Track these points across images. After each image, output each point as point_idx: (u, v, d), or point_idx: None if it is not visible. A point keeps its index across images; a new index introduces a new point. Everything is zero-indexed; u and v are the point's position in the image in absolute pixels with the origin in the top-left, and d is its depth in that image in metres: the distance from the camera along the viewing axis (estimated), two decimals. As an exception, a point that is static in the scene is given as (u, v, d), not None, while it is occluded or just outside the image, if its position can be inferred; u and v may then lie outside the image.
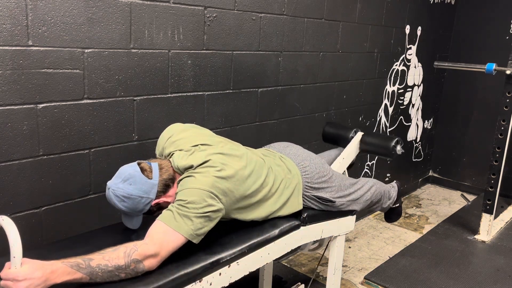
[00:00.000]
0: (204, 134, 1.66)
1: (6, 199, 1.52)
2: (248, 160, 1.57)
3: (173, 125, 1.72)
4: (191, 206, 1.31)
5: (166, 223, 1.29)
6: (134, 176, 1.38)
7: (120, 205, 1.38)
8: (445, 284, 2.57)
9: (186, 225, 1.30)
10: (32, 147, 1.55)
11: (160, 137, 1.69)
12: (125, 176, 1.38)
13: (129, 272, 1.21)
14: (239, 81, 2.25)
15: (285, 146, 1.90)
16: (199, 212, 1.31)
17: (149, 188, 1.39)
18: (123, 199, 1.37)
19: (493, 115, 3.31)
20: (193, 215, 1.31)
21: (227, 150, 1.54)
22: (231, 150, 1.55)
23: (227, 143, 1.64)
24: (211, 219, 1.36)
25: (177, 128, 1.68)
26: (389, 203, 2.20)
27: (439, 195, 4.26)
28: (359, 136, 2.27)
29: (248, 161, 1.56)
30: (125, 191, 1.36)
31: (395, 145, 2.15)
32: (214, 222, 1.38)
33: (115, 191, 1.36)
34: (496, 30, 3.92)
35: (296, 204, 1.73)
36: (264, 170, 1.61)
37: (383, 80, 3.40)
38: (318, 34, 2.66)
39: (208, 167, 1.41)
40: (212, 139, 1.62)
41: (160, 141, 1.68)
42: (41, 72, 1.53)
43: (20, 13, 1.45)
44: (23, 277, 1.06)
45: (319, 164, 1.83)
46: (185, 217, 1.30)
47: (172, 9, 1.87)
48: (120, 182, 1.37)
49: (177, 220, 1.29)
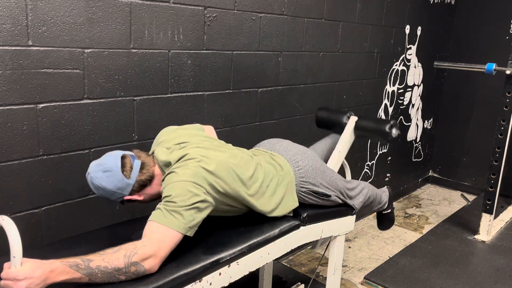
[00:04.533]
0: (189, 133, 1.66)
1: (6, 199, 1.53)
2: (232, 154, 1.58)
3: (166, 127, 1.74)
4: (178, 200, 1.32)
5: (158, 222, 1.30)
6: (113, 170, 1.40)
7: (95, 191, 1.44)
8: (445, 284, 2.57)
9: (177, 220, 1.30)
10: (32, 147, 1.56)
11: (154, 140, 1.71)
12: (105, 167, 1.41)
13: (129, 275, 1.21)
14: (239, 81, 2.25)
15: (274, 143, 1.88)
16: (186, 205, 1.32)
17: (124, 186, 1.42)
18: (98, 188, 1.41)
19: (493, 115, 3.31)
20: (182, 209, 1.31)
21: (206, 145, 1.55)
22: (211, 146, 1.57)
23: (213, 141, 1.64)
24: (200, 210, 1.36)
25: (167, 130, 1.71)
26: (379, 207, 2.19)
27: (439, 195, 4.26)
28: (353, 122, 2.21)
29: (233, 155, 1.57)
30: (101, 182, 1.40)
31: (391, 129, 2.11)
32: (204, 213, 1.39)
33: (93, 179, 1.41)
34: (496, 30, 3.92)
35: (291, 202, 1.72)
36: (251, 165, 1.60)
37: (383, 80, 3.40)
38: (318, 34, 2.66)
39: (186, 160, 1.44)
40: (195, 138, 1.62)
41: (153, 143, 1.71)
42: (41, 72, 1.53)
43: (20, 13, 1.45)
44: (23, 276, 1.06)
45: (311, 157, 1.81)
46: (174, 212, 1.31)
47: (172, 9, 1.87)
48: (99, 171, 1.40)
49: (168, 217, 1.30)
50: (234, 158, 1.56)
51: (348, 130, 2.21)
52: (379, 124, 2.16)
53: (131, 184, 1.43)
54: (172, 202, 1.32)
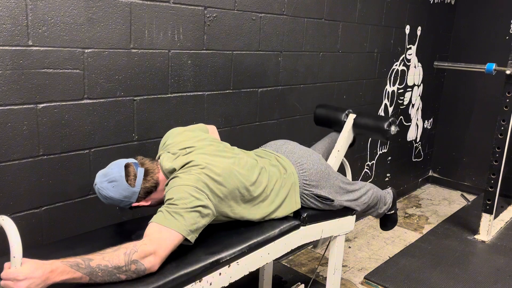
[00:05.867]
0: (196, 137, 1.66)
1: (6, 199, 1.53)
2: (237, 160, 1.58)
3: (173, 129, 1.74)
4: (179, 202, 1.33)
5: (159, 223, 1.31)
6: (118, 181, 1.44)
7: (103, 200, 1.48)
8: (445, 284, 2.57)
9: (178, 221, 1.31)
10: (32, 147, 1.56)
11: (161, 141, 1.72)
12: (110, 177, 1.44)
13: (130, 274, 1.21)
14: (239, 81, 2.25)
15: (281, 145, 1.88)
16: (188, 207, 1.33)
17: (130, 194, 1.46)
18: (106, 198, 1.46)
19: (493, 115, 3.31)
20: (183, 211, 1.32)
21: (211, 151, 1.56)
22: (216, 151, 1.57)
23: (218, 145, 1.64)
24: (202, 215, 1.37)
25: (173, 132, 1.72)
26: (385, 209, 2.18)
27: (439, 195, 4.26)
28: (351, 120, 2.20)
29: (237, 161, 1.58)
30: (108, 193, 1.44)
31: (389, 126, 2.10)
32: (206, 219, 1.39)
33: (100, 189, 1.45)
34: (496, 30, 3.92)
35: (293, 204, 1.72)
36: (256, 170, 1.61)
37: (383, 80, 3.40)
38: (318, 34, 2.66)
39: (191, 167, 1.46)
40: (201, 142, 1.62)
41: (160, 145, 1.72)
42: (41, 72, 1.53)
43: (20, 13, 1.45)
44: (23, 277, 1.06)
45: (316, 161, 1.81)
46: (176, 213, 1.32)
47: (172, 9, 1.87)
48: (105, 181, 1.44)
49: (169, 218, 1.31)
50: (238, 163, 1.56)
51: (347, 128, 2.20)
52: (378, 122, 2.15)
53: (137, 192, 1.47)
54: (173, 204, 1.33)
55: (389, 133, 2.10)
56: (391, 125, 2.10)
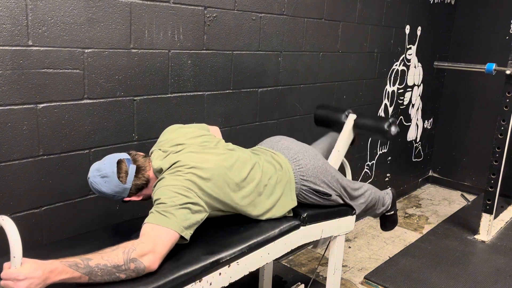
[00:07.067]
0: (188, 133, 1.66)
1: (6, 199, 1.53)
2: (228, 156, 1.58)
3: (171, 126, 1.74)
4: (168, 201, 1.35)
5: (152, 223, 1.32)
6: (109, 177, 1.46)
7: (96, 193, 1.51)
8: (445, 284, 2.57)
9: (169, 219, 1.32)
10: (32, 147, 1.56)
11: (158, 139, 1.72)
12: (103, 173, 1.46)
13: (129, 272, 1.21)
14: (239, 81, 2.25)
15: (277, 141, 1.88)
16: (176, 204, 1.34)
17: (121, 190, 1.48)
18: (98, 192, 1.48)
19: (493, 115, 3.31)
20: (172, 208, 1.33)
21: (200, 149, 1.57)
22: (205, 149, 1.58)
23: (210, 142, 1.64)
24: (192, 212, 1.38)
25: (169, 128, 1.72)
26: (383, 210, 2.18)
27: (439, 195, 4.26)
28: (352, 120, 2.21)
29: (228, 157, 1.58)
30: (100, 187, 1.46)
31: (389, 126, 2.10)
32: (198, 216, 1.40)
33: (93, 183, 1.47)
34: (496, 30, 3.92)
35: (289, 201, 1.72)
36: (247, 164, 1.61)
37: (383, 80, 3.40)
38: (318, 34, 2.66)
39: (178, 167, 1.47)
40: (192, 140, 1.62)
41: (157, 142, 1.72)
42: (41, 72, 1.53)
43: (20, 13, 1.45)
44: (23, 277, 1.06)
45: (313, 156, 1.81)
46: (165, 212, 1.33)
47: (172, 9, 1.87)
48: (98, 176, 1.46)
49: (160, 218, 1.32)
50: (228, 160, 1.56)
51: (347, 129, 2.20)
52: (378, 122, 2.15)
53: (128, 188, 1.49)
54: (162, 203, 1.35)
55: (389, 133, 2.10)
56: (391, 126, 2.10)
